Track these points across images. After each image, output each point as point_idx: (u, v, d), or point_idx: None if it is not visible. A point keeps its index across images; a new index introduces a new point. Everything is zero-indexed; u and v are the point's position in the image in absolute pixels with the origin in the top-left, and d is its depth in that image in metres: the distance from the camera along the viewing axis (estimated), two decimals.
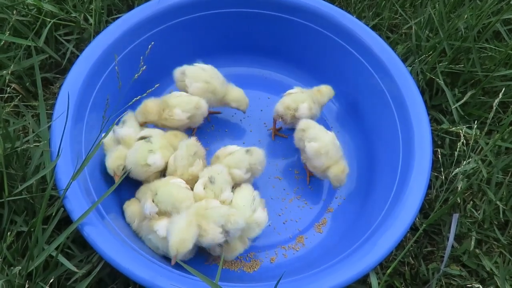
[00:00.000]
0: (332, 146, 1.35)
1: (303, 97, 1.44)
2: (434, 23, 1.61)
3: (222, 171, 1.28)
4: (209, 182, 1.25)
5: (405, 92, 1.38)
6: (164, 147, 1.32)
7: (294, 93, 1.46)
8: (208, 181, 1.25)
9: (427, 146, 1.29)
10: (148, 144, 1.30)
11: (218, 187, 1.25)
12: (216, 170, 1.27)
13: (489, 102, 1.54)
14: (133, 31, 1.43)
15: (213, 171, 1.27)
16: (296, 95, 1.45)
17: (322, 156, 1.34)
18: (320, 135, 1.36)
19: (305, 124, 1.39)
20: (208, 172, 1.27)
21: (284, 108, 1.45)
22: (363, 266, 1.11)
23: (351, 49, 1.50)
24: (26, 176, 1.18)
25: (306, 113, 1.43)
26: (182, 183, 1.27)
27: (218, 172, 1.27)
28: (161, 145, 1.31)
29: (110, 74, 1.38)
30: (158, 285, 1.04)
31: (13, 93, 1.45)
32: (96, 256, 1.17)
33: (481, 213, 1.36)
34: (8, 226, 1.14)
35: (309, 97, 1.45)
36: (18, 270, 1.03)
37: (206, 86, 1.43)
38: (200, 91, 1.43)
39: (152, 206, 1.21)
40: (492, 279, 1.29)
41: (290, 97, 1.45)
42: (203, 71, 1.45)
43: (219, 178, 1.26)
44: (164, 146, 1.32)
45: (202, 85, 1.43)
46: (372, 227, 1.24)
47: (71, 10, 1.56)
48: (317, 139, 1.35)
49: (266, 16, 1.56)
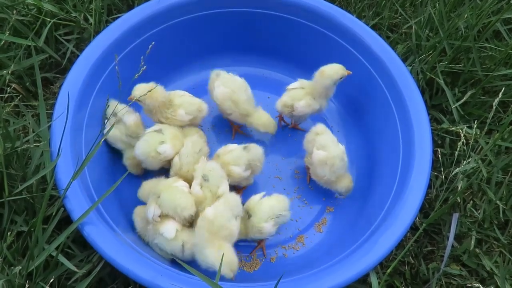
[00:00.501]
0: (339, 161, 1.33)
1: (300, 94, 1.44)
2: (434, 23, 1.61)
3: (214, 167, 1.28)
4: (203, 180, 1.25)
5: (405, 92, 1.38)
6: (174, 138, 1.35)
7: (293, 89, 1.46)
8: (202, 180, 1.25)
9: (427, 145, 1.29)
10: (160, 135, 1.33)
11: (213, 183, 1.25)
12: (208, 168, 1.27)
13: (489, 101, 1.54)
14: (133, 31, 1.43)
15: (206, 169, 1.27)
16: (294, 91, 1.45)
17: (326, 167, 1.34)
18: (330, 145, 1.34)
19: (320, 129, 1.38)
20: (201, 171, 1.27)
21: (282, 106, 1.46)
22: (363, 265, 1.11)
23: (351, 48, 1.50)
24: (26, 176, 1.18)
25: (304, 110, 1.44)
26: (185, 186, 1.27)
27: (210, 169, 1.27)
28: (172, 136, 1.34)
29: (110, 74, 1.38)
30: (158, 285, 1.04)
31: (13, 93, 1.45)
32: (96, 255, 1.17)
33: (481, 213, 1.36)
34: (8, 226, 1.14)
35: (308, 94, 1.44)
36: (19, 270, 1.03)
37: (229, 93, 1.44)
38: (222, 96, 1.44)
39: (156, 208, 1.20)
40: (492, 279, 1.29)
41: (288, 94, 1.46)
42: (233, 81, 1.46)
43: (213, 174, 1.26)
44: (174, 136, 1.35)
45: (226, 91, 1.44)
46: (372, 226, 1.24)
47: (71, 10, 1.56)
48: (326, 148, 1.34)
49: (266, 15, 1.56)
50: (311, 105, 1.44)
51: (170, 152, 1.33)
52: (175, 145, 1.34)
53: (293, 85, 1.48)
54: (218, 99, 1.46)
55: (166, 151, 1.32)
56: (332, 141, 1.35)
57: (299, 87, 1.46)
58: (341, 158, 1.34)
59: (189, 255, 1.20)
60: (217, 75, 1.47)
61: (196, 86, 1.63)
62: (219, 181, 1.26)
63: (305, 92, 1.45)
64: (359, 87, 1.53)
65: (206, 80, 1.64)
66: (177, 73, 1.63)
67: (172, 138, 1.34)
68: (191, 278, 1.07)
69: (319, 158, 1.34)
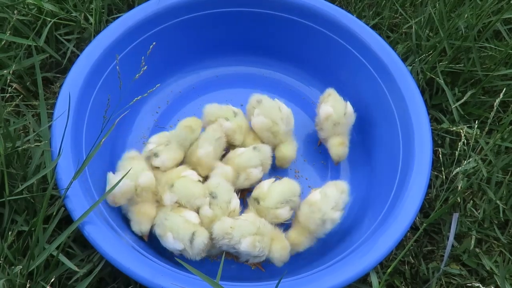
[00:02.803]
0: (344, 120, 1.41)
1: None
2: (434, 23, 1.61)
3: (219, 182, 1.26)
4: (211, 198, 1.24)
5: (405, 92, 1.38)
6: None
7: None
8: (210, 197, 1.24)
9: (427, 145, 1.29)
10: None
11: (222, 199, 1.24)
12: (213, 185, 1.26)
13: (489, 101, 1.54)
14: (133, 30, 1.43)
15: (211, 187, 1.26)
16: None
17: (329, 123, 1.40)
18: (337, 105, 1.41)
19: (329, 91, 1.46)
20: (207, 190, 1.25)
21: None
22: (363, 265, 1.12)
23: (351, 48, 1.50)
24: (26, 175, 1.19)
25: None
26: (194, 175, 1.28)
27: (216, 185, 1.25)
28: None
29: (111, 73, 1.38)
30: (159, 284, 1.04)
31: (13, 92, 1.45)
32: (97, 255, 1.17)
33: (481, 212, 1.36)
34: (9, 225, 1.14)
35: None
36: (19, 270, 1.03)
37: (269, 125, 1.38)
38: (261, 126, 1.38)
39: (172, 195, 1.23)
40: (492, 278, 1.29)
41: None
42: (276, 110, 1.38)
43: (220, 190, 1.25)
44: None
45: (266, 122, 1.37)
46: (372, 226, 1.24)
47: (71, 9, 1.56)
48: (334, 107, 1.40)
49: (266, 15, 1.56)
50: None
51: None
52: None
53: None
54: (256, 128, 1.40)
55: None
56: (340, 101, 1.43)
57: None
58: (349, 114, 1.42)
59: (198, 246, 1.19)
60: (258, 102, 1.40)
61: (196, 86, 1.63)
62: (227, 195, 1.25)
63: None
64: (359, 86, 1.53)
65: (206, 80, 1.65)
66: (177, 72, 1.63)
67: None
68: (191, 278, 1.07)
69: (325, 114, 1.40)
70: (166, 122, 1.56)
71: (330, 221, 1.24)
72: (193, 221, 1.21)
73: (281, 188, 1.28)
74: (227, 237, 1.18)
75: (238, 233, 1.18)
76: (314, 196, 1.27)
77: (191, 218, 1.22)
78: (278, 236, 1.24)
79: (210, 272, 1.15)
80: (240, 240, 1.17)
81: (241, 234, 1.18)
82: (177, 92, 1.61)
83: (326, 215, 1.23)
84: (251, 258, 1.23)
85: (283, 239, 1.25)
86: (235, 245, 1.18)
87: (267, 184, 1.29)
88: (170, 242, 1.20)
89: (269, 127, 1.38)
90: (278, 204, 1.26)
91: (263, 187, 1.29)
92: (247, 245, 1.17)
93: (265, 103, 1.40)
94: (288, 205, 1.28)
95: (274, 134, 1.39)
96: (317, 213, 1.23)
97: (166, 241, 1.21)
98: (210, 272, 1.12)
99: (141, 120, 1.55)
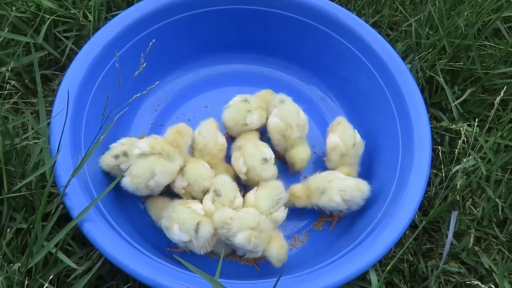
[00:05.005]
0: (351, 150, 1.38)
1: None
2: (434, 21, 1.61)
3: (226, 180, 1.27)
4: (215, 195, 1.25)
5: (404, 90, 1.38)
6: (260, 108, 1.41)
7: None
8: (214, 194, 1.25)
9: (427, 143, 1.29)
10: (246, 104, 1.39)
11: (225, 198, 1.24)
12: (219, 182, 1.27)
13: (488, 99, 1.54)
14: (132, 28, 1.43)
15: (217, 183, 1.27)
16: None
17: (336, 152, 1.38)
18: (346, 135, 1.39)
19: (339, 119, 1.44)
20: (212, 186, 1.27)
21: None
22: (362, 263, 1.12)
23: (351, 46, 1.50)
24: (25, 173, 1.18)
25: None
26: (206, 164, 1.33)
27: (222, 183, 1.26)
28: (257, 106, 1.40)
29: (109, 71, 1.38)
30: (158, 282, 1.04)
31: (12, 90, 1.45)
32: (96, 253, 1.17)
33: (480, 211, 1.36)
34: (8, 223, 1.14)
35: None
36: (18, 267, 1.03)
37: (282, 129, 1.37)
38: (274, 127, 1.38)
39: (183, 180, 1.27)
40: (490, 276, 1.30)
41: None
42: (294, 115, 1.37)
43: (225, 188, 1.25)
44: (260, 106, 1.41)
45: (280, 124, 1.37)
46: (371, 224, 1.24)
47: (70, 6, 1.56)
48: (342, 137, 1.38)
49: (266, 13, 1.55)
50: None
51: (256, 124, 1.39)
52: (261, 116, 1.40)
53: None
54: (269, 128, 1.40)
55: (253, 122, 1.38)
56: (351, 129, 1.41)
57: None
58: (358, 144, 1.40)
59: (203, 236, 1.19)
60: (281, 102, 1.39)
61: (196, 84, 1.63)
62: (231, 194, 1.26)
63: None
64: (359, 85, 1.53)
65: (206, 78, 1.65)
66: (176, 70, 1.63)
67: (257, 107, 1.40)
68: (191, 276, 1.07)
69: (332, 143, 1.39)
70: (165, 120, 1.55)
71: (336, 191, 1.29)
72: (199, 211, 1.22)
73: (266, 192, 1.28)
74: (226, 227, 1.18)
75: (237, 225, 1.18)
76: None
77: (197, 209, 1.23)
78: (277, 236, 1.25)
79: (210, 270, 1.15)
80: (236, 233, 1.18)
81: (240, 226, 1.18)
82: (177, 90, 1.61)
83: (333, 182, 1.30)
84: (247, 253, 1.24)
85: (282, 239, 1.25)
86: (231, 237, 1.18)
87: (253, 194, 1.29)
88: (176, 233, 1.20)
89: (282, 130, 1.37)
90: (270, 208, 1.26)
91: (250, 199, 1.29)
92: (242, 238, 1.18)
93: (286, 106, 1.39)
94: (280, 205, 1.28)
95: (285, 138, 1.38)
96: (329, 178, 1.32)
97: (172, 233, 1.21)
98: (209, 270, 1.12)
99: (140, 118, 1.54)
